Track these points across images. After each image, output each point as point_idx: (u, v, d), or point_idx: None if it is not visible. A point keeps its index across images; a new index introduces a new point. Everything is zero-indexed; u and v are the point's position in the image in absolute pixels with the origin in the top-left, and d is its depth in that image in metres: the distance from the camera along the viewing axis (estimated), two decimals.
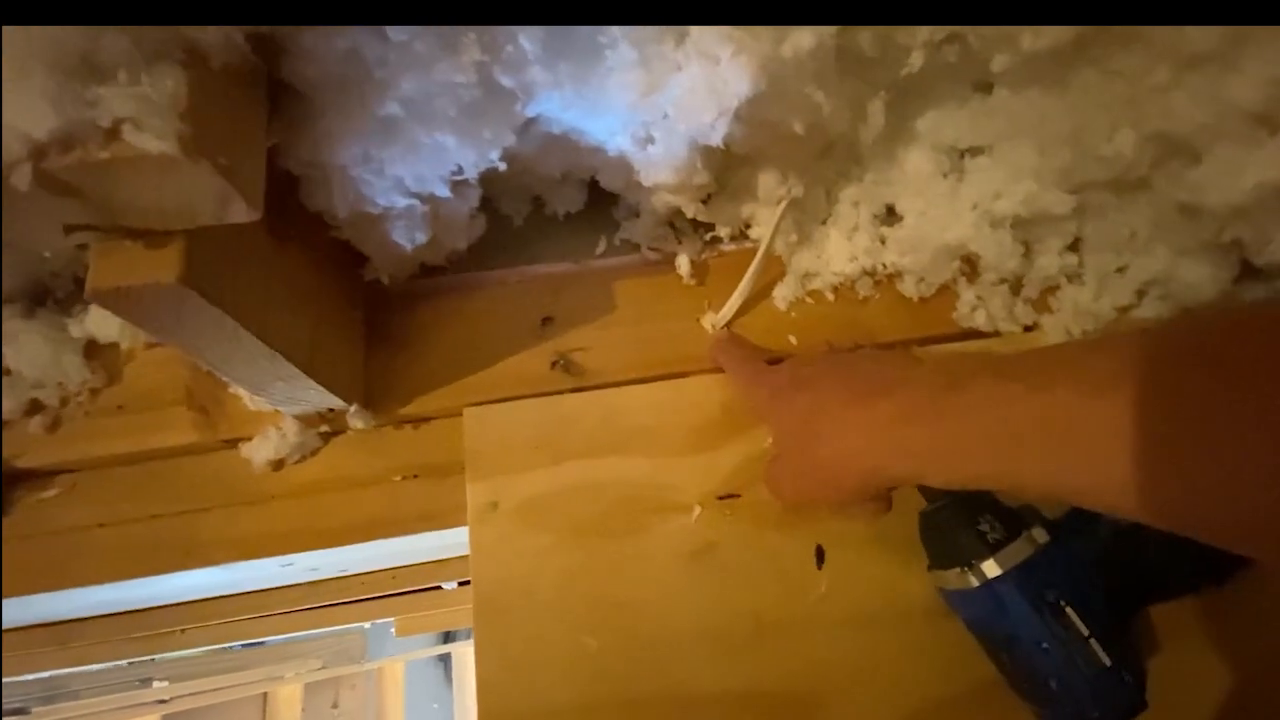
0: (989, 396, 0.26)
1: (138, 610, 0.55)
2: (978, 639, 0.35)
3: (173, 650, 0.56)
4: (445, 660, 2.44)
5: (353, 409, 0.39)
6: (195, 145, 0.21)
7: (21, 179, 0.20)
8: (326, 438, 0.41)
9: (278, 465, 0.41)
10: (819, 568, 0.38)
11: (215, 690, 1.14)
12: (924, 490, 0.36)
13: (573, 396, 0.41)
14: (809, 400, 0.33)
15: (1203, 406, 0.20)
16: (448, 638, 2.41)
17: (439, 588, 0.57)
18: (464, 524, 0.40)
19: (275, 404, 0.37)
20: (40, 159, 0.20)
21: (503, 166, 0.33)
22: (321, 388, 0.35)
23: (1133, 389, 0.21)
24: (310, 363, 0.33)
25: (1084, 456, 0.22)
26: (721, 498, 0.39)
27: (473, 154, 0.32)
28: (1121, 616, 0.33)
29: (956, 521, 0.34)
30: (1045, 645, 0.31)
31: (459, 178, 0.33)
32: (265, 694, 1.28)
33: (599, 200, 0.45)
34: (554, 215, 0.46)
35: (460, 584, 0.57)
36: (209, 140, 0.21)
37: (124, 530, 0.40)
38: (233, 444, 0.41)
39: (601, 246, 0.45)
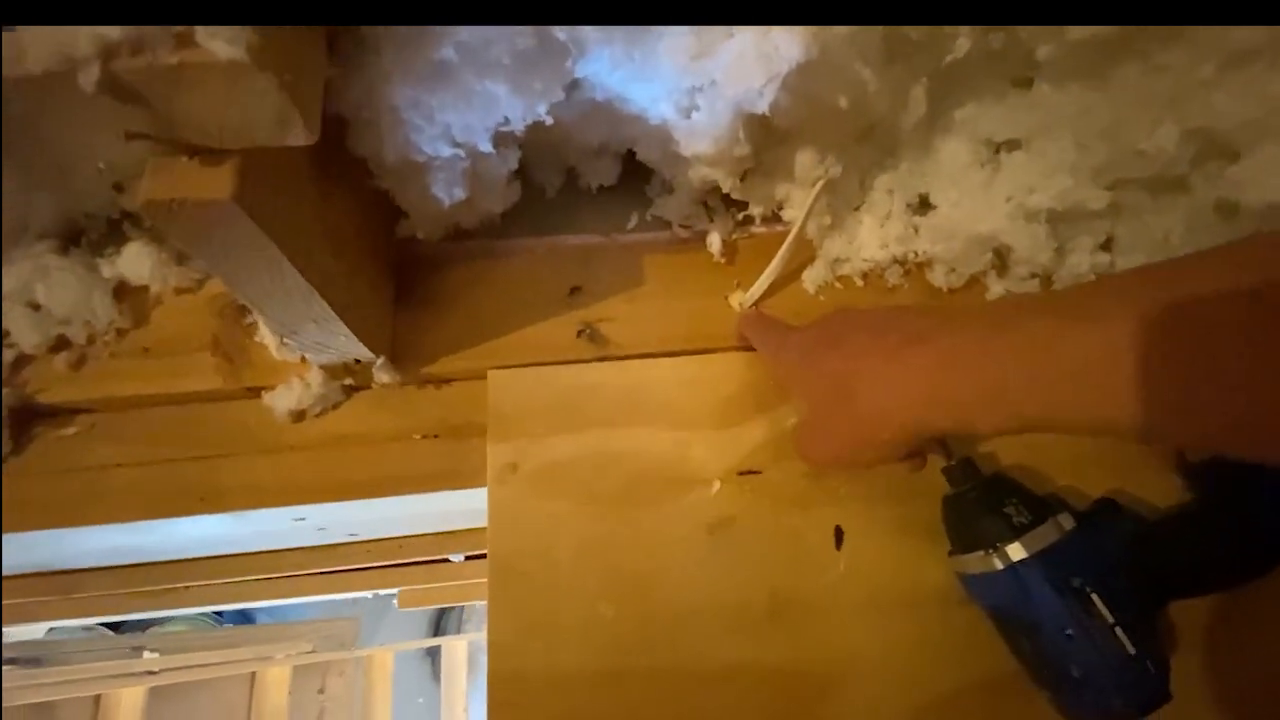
0: (1039, 335, 0.25)
1: (142, 564, 0.55)
2: (997, 626, 0.34)
3: (174, 607, 0.55)
4: (433, 655, 2.42)
5: (379, 361, 0.39)
6: (264, 57, 0.21)
7: (89, 79, 0.21)
8: (349, 392, 0.41)
9: (299, 416, 0.40)
10: (838, 548, 0.38)
11: (204, 666, 1.13)
12: (949, 474, 0.36)
13: (597, 365, 0.41)
14: (841, 357, 0.32)
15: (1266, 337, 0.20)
16: (438, 630, 2.39)
17: (446, 560, 0.57)
18: (482, 486, 0.39)
19: (304, 349, 0.37)
20: (110, 59, 0.20)
21: (549, 120, 0.33)
22: (352, 334, 0.35)
23: (1193, 317, 0.21)
24: (344, 305, 0.33)
25: (1149, 388, 0.22)
26: (742, 473, 0.39)
27: (521, 106, 0.32)
28: (1147, 608, 0.32)
29: (982, 505, 0.34)
30: (1069, 632, 0.31)
31: (506, 128, 0.33)
32: (253, 674, 1.27)
33: (632, 176, 0.45)
34: (587, 188, 0.46)
35: (468, 558, 0.57)
36: (275, 55, 0.22)
37: (141, 472, 0.39)
38: (255, 393, 0.41)
39: (633, 222, 0.45)
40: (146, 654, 1.07)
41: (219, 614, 1.44)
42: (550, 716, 0.34)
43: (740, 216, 0.44)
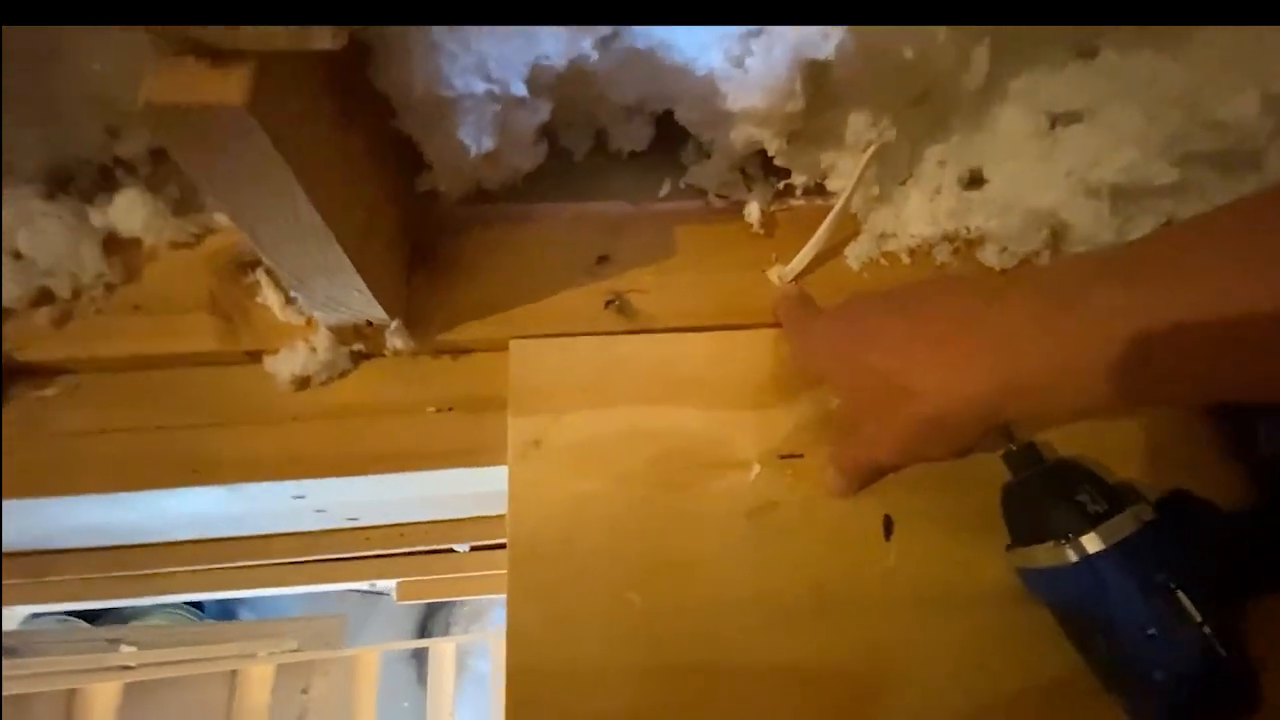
0: (1116, 307, 0.23)
1: (123, 547, 0.51)
2: (1064, 624, 0.32)
3: (156, 594, 0.52)
4: (420, 658, 2.37)
5: (394, 325, 0.36)
6: None
7: None
8: (358, 360, 0.38)
9: (302, 384, 0.37)
10: (886, 539, 0.35)
11: (183, 662, 1.08)
12: (1012, 460, 0.33)
13: (627, 338, 0.38)
14: (883, 353, 0.30)
15: None
16: (424, 631, 2.34)
17: (451, 550, 0.53)
18: (500, 464, 0.36)
19: (313, 306, 0.34)
20: None
21: (594, 56, 0.30)
22: (366, 290, 0.32)
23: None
24: (360, 254, 0.30)
25: (1263, 346, 0.20)
26: (783, 457, 0.36)
27: (562, 41, 0.29)
28: (1231, 607, 0.29)
29: (1050, 493, 0.32)
30: (1151, 632, 0.28)
31: (545, 62, 0.30)
32: (235, 672, 1.22)
33: (665, 141, 0.43)
34: (617, 153, 0.43)
35: (473, 548, 0.53)
36: None
37: (128, 439, 0.36)
38: (255, 357, 0.37)
39: (665, 190, 0.43)
40: (124, 648, 1.02)
41: (199, 608, 1.40)
42: (573, 715, 0.31)
43: (780, 186, 0.42)
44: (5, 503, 0.36)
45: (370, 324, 0.36)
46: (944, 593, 0.34)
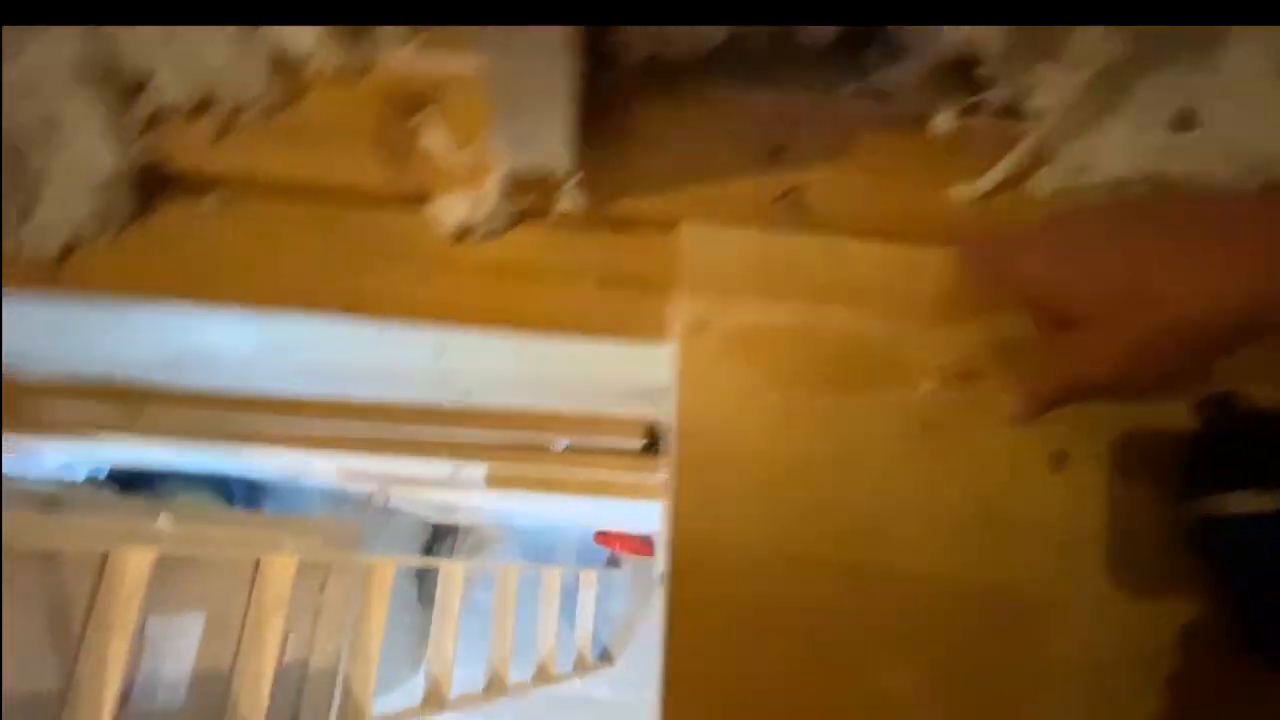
0: None
1: (219, 398, 0.50)
2: (1237, 574, 0.30)
3: (256, 445, 0.51)
4: (421, 578, 2.41)
5: (573, 181, 0.34)
6: None
7: None
8: (521, 219, 0.37)
9: (464, 234, 0.36)
10: (1058, 472, 0.33)
11: (216, 541, 1.10)
12: (1205, 406, 0.32)
13: (801, 236, 0.37)
14: (1119, 262, 0.28)
15: None
16: (429, 551, 2.38)
17: (547, 448, 0.53)
18: (655, 340, 0.35)
19: (503, 140, 0.32)
20: None
21: None
22: (572, 123, 0.30)
23: None
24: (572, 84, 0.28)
25: None
26: (957, 376, 0.34)
27: None
28: None
29: (1251, 440, 0.30)
30: None
31: None
32: (258, 561, 1.23)
33: (853, 40, 0.40)
34: (800, 46, 0.41)
35: (567, 448, 0.53)
36: None
37: (283, 260, 0.35)
38: (416, 200, 0.36)
39: (847, 90, 0.40)
40: (163, 516, 1.04)
41: (230, 497, 1.41)
42: (731, 590, 0.30)
43: (974, 99, 0.39)
44: (144, 306, 0.35)
45: (545, 179, 0.34)
46: (1107, 532, 0.33)
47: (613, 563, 2.53)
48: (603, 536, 2.48)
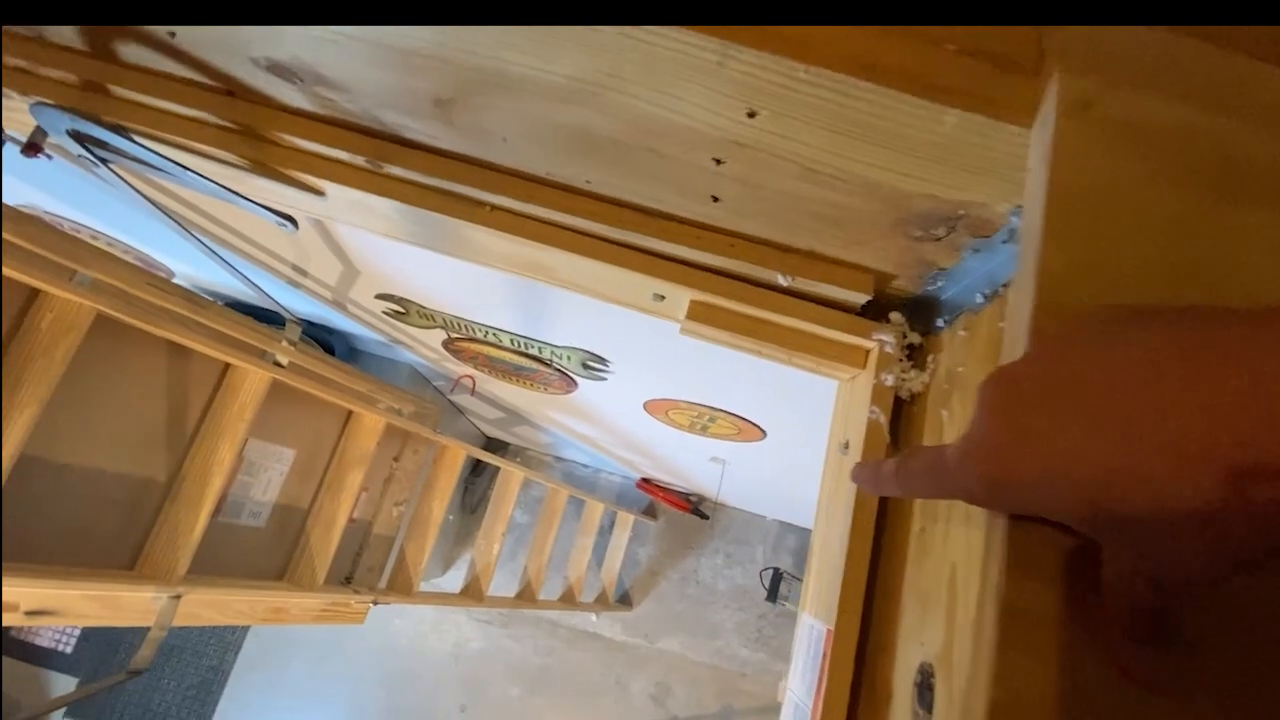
0: None
1: (453, 155, 0.50)
2: None
3: (481, 225, 0.50)
4: (467, 486, 2.46)
5: None
6: None
7: None
8: None
9: None
10: None
11: (324, 380, 1.12)
12: None
13: (1193, 43, 0.33)
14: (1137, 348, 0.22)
15: None
16: (475, 467, 2.42)
17: (770, 287, 0.51)
18: (1016, 122, 0.33)
19: None
20: None
21: None
22: None
23: None
24: None
25: None
26: None
27: None
28: None
29: None
30: None
31: None
32: (349, 414, 1.26)
33: None
34: None
35: (788, 291, 0.51)
36: None
37: None
38: None
39: None
40: (283, 342, 1.06)
41: (331, 352, 1.45)
42: None
43: None
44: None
45: None
46: None
47: (649, 512, 2.53)
48: (645, 484, 2.49)
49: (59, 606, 0.89)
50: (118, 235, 1.26)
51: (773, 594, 2.29)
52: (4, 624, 0.82)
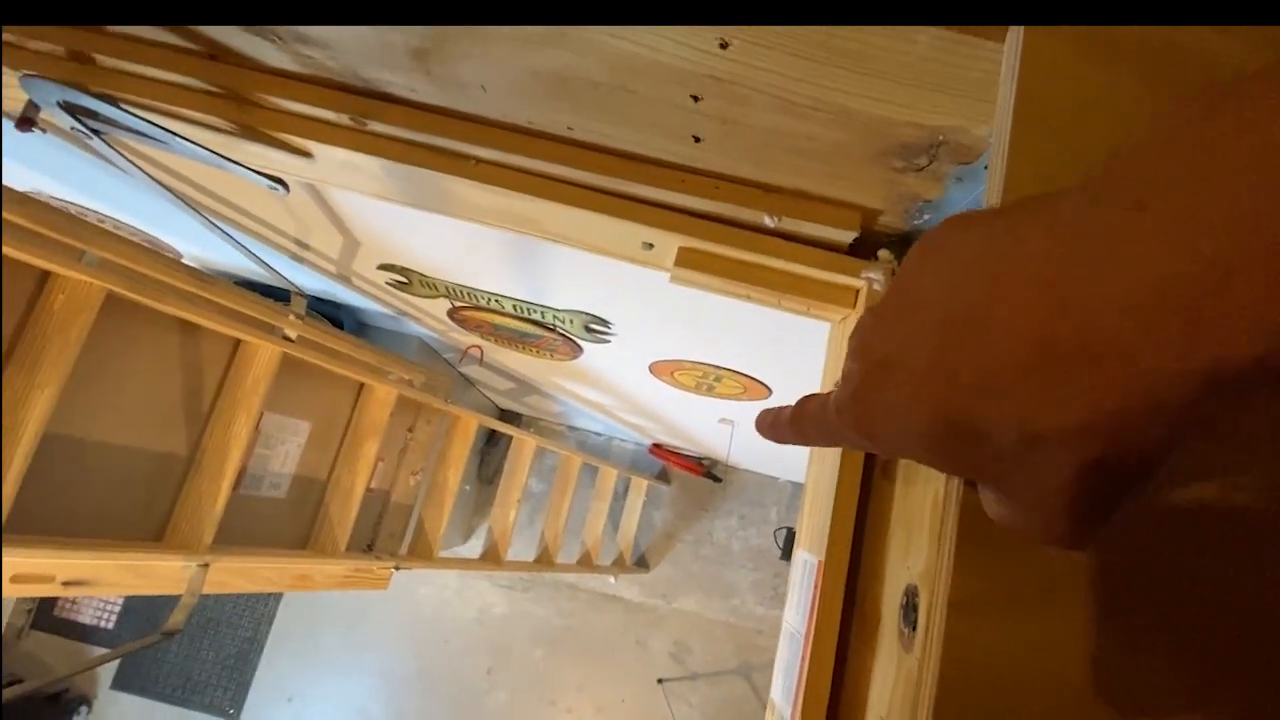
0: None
1: (439, 108, 0.50)
2: None
3: (465, 177, 0.51)
4: (483, 457, 2.51)
5: None
6: None
7: None
8: None
9: None
10: None
11: (335, 353, 1.14)
12: None
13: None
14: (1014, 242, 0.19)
15: None
16: (490, 438, 2.45)
17: (758, 228, 0.51)
18: (988, 39, 0.32)
19: None
20: None
21: None
22: None
23: None
24: None
25: None
26: None
27: None
28: None
29: None
30: None
31: None
32: (362, 386, 1.29)
33: None
34: None
35: (776, 232, 0.51)
36: None
37: None
38: None
39: None
40: (291, 316, 1.08)
41: (340, 324, 1.47)
42: None
43: None
44: None
45: None
46: None
47: (662, 477, 2.57)
48: (657, 449, 2.52)
49: (93, 577, 0.93)
50: (124, 218, 1.28)
51: (787, 553, 2.32)
52: (43, 595, 0.86)
